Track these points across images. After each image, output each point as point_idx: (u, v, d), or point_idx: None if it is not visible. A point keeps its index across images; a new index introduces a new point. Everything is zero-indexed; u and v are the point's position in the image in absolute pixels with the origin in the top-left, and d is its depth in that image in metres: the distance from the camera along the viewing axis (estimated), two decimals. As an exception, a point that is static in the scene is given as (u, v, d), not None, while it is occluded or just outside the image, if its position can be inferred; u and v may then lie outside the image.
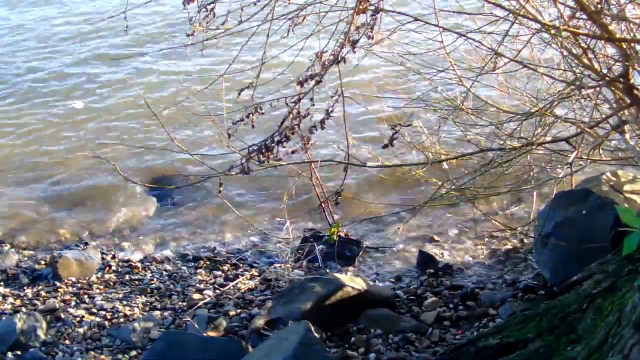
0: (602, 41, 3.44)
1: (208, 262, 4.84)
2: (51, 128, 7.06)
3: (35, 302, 4.36)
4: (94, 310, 4.24)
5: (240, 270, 4.70)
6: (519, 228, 4.78)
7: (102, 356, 3.76)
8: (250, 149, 3.36)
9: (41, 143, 6.79)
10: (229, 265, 4.78)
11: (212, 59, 7.88)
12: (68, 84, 8.06)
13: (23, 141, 6.86)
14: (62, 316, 4.13)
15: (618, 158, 4.29)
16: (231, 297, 4.28)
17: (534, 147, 3.95)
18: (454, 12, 3.56)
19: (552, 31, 3.27)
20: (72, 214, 5.64)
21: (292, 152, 3.69)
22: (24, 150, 6.69)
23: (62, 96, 7.76)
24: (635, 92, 3.39)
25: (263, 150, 3.35)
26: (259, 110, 3.38)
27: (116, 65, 8.36)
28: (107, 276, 4.69)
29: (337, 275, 4.05)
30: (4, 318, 4.14)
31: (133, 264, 4.87)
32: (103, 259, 4.92)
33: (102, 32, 9.32)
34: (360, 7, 3.03)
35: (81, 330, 4.02)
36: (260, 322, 3.72)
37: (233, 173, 3.44)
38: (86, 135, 6.88)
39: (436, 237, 5.09)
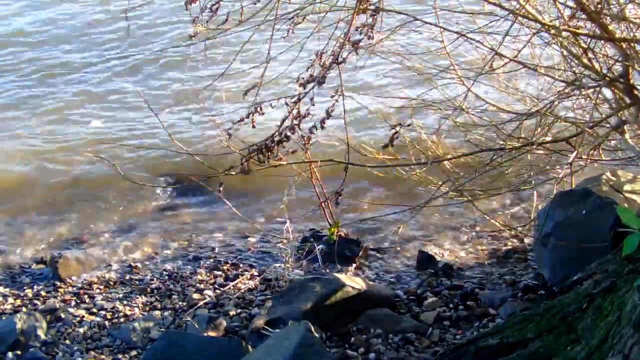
0: (602, 41, 3.44)
1: (208, 262, 4.84)
2: (50, 128, 7.06)
3: (36, 302, 4.36)
4: (94, 310, 4.24)
5: (240, 270, 4.70)
6: (519, 228, 4.78)
7: (103, 356, 3.76)
8: (251, 148, 3.36)
9: (41, 142, 6.78)
10: (229, 265, 4.78)
11: (212, 59, 7.86)
12: (67, 82, 8.05)
13: (23, 140, 6.85)
14: (62, 316, 4.13)
15: (618, 158, 4.29)
16: (231, 297, 4.28)
17: (534, 147, 3.95)
18: (454, 11, 3.57)
19: (552, 31, 3.27)
20: (73, 214, 5.63)
21: (292, 152, 3.69)
22: (24, 149, 6.69)
23: (61, 95, 7.75)
24: (635, 92, 3.39)
25: (263, 150, 3.35)
26: (259, 110, 3.39)
27: (116, 64, 8.34)
28: (107, 276, 4.69)
29: (337, 275, 4.05)
30: (4, 318, 4.14)
31: (133, 263, 4.87)
32: (103, 258, 4.92)
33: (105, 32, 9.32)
34: (360, 7, 3.04)
35: (81, 330, 4.02)
36: (260, 322, 3.72)
37: (233, 173, 3.44)
38: (86, 135, 6.87)
39: (436, 237, 5.09)
